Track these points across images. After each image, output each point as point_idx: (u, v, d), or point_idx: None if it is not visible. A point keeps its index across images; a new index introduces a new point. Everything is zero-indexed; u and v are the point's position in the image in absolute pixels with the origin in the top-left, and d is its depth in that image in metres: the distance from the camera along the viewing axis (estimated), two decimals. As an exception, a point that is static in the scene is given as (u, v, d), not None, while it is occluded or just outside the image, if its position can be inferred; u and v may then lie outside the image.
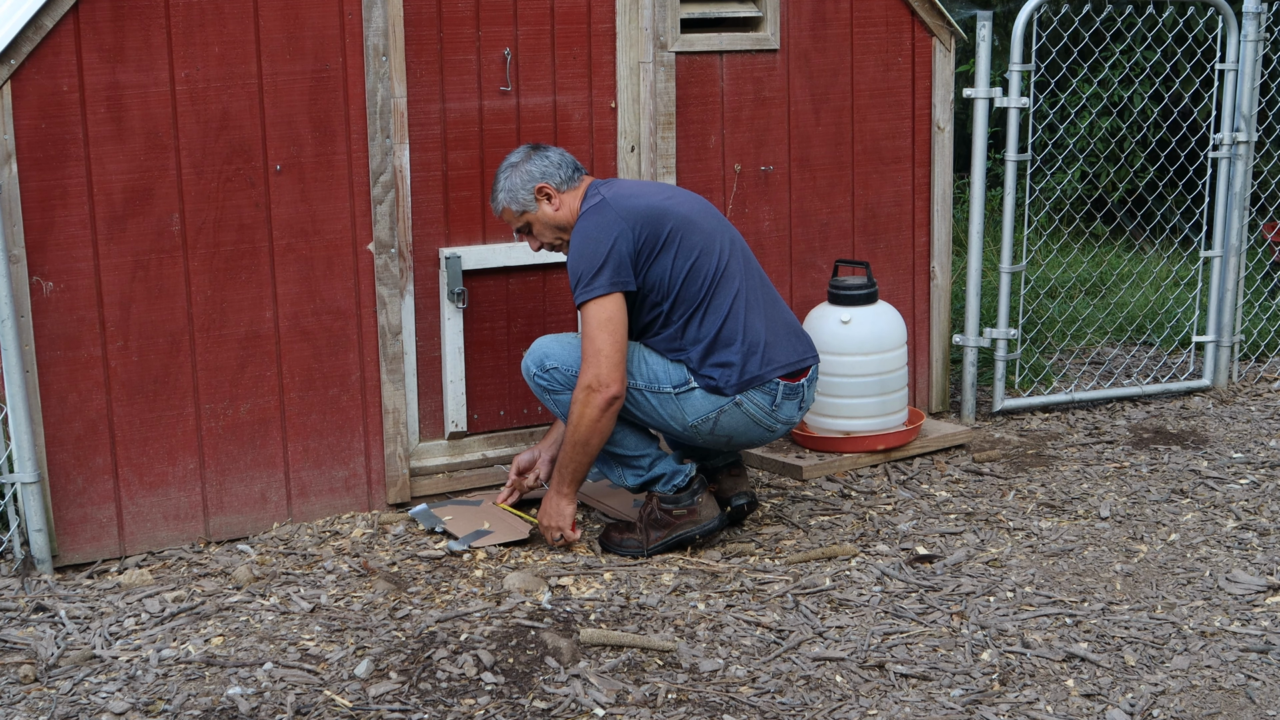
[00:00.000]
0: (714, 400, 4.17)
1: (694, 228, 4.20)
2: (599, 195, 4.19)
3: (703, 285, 4.17)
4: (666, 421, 4.22)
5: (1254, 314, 6.59)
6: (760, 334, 4.20)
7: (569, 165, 4.27)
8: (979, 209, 5.50)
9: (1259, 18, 5.69)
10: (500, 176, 4.29)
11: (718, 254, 4.22)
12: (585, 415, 4.09)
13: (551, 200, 4.25)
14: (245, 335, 4.31)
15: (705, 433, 4.22)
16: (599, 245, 4.09)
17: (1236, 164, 5.80)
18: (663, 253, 4.15)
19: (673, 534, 4.26)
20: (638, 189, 4.27)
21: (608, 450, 4.22)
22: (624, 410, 4.18)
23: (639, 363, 4.20)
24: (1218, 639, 3.70)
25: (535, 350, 4.23)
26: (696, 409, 4.18)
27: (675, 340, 4.20)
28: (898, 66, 5.23)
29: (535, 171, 4.24)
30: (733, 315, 4.18)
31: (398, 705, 3.37)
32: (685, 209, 4.24)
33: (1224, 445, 5.22)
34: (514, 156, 4.30)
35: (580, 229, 4.16)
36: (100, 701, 3.40)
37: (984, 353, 5.76)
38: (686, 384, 4.17)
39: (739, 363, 4.16)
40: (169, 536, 4.31)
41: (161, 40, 4.09)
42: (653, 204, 4.18)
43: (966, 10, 8.76)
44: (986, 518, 4.55)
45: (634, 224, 4.12)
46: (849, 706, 3.39)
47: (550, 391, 4.20)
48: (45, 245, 4.03)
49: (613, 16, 4.75)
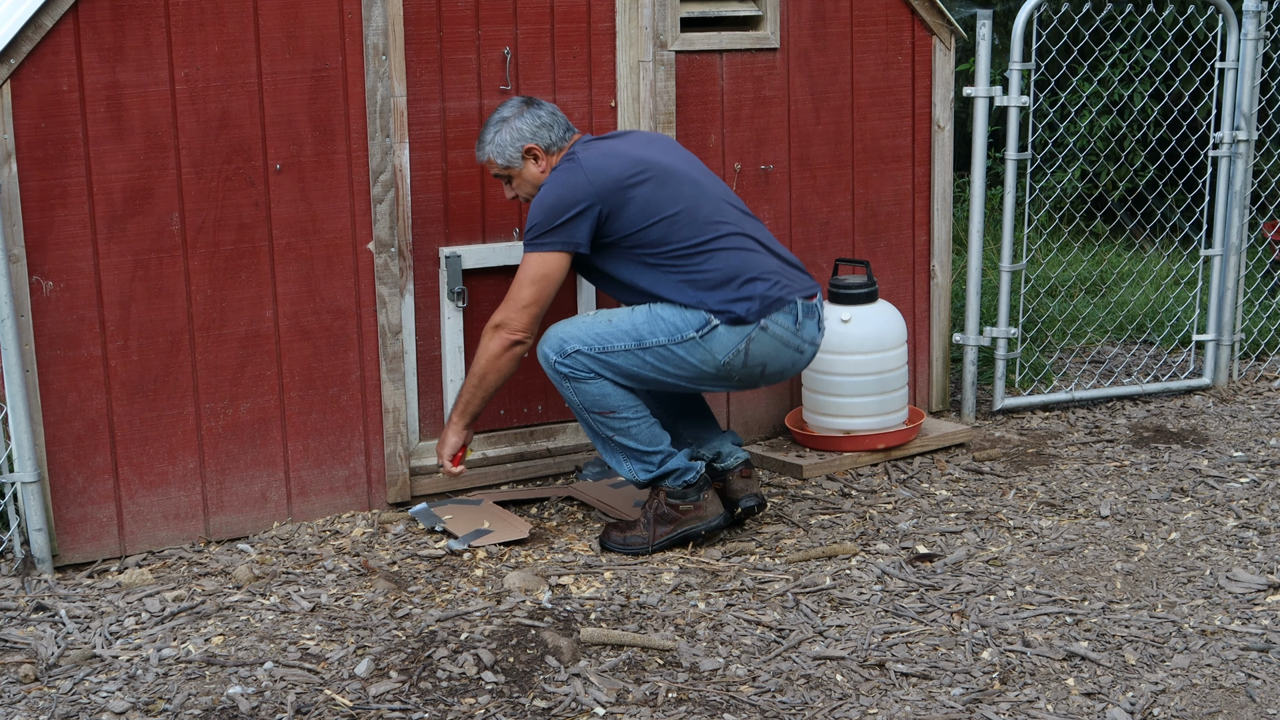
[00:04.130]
0: (740, 331, 4.17)
1: (676, 176, 4.22)
2: (574, 155, 4.20)
3: (700, 230, 4.18)
4: (699, 369, 4.19)
5: (1254, 313, 6.59)
6: (772, 265, 4.24)
7: (560, 125, 4.28)
8: (979, 208, 5.50)
9: (1259, 16, 5.69)
10: (489, 128, 4.29)
11: (710, 199, 4.24)
12: (488, 350, 4.19)
13: (538, 161, 4.27)
14: (245, 334, 4.31)
15: (739, 367, 4.21)
16: (562, 203, 4.12)
17: (1237, 162, 5.79)
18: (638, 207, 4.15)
19: (678, 529, 4.26)
20: (616, 149, 4.24)
21: (620, 443, 4.20)
22: (655, 374, 4.19)
23: (654, 320, 4.18)
24: (1218, 638, 3.70)
25: (551, 336, 4.20)
26: (725, 345, 4.17)
27: (687, 289, 4.18)
28: (898, 65, 5.23)
29: (526, 130, 4.24)
30: (741, 252, 4.21)
31: (398, 704, 3.37)
32: (667, 159, 4.25)
33: (1224, 444, 5.22)
34: (506, 110, 4.28)
35: (549, 183, 4.18)
36: (100, 701, 3.40)
37: (984, 351, 5.76)
38: (708, 324, 4.16)
39: (758, 292, 4.17)
40: (169, 536, 4.31)
41: (161, 40, 4.09)
42: (627, 165, 4.17)
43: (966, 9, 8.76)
44: (987, 517, 4.55)
45: (601, 189, 4.12)
46: (849, 705, 3.39)
47: (571, 380, 4.16)
48: (45, 245, 4.03)
49: (613, 15, 4.75)
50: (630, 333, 4.17)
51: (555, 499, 4.66)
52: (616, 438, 4.20)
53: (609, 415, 4.17)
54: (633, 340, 4.16)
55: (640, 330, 4.17)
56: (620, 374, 4.17)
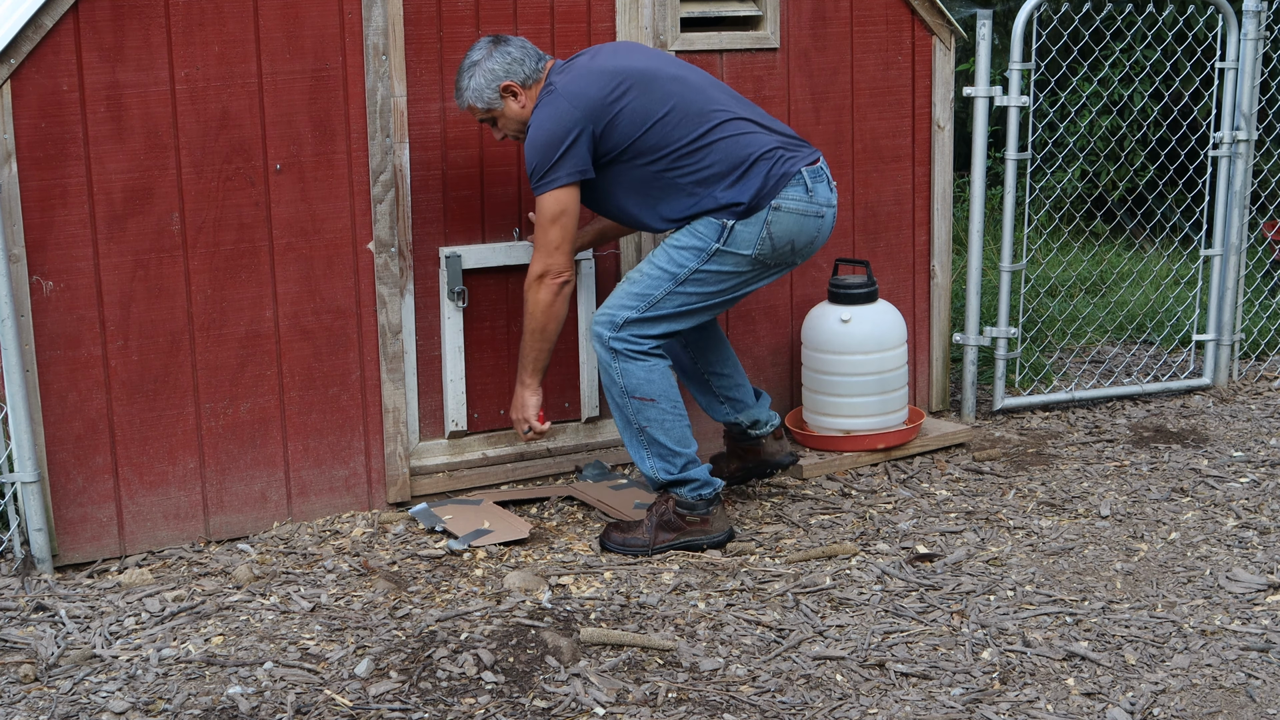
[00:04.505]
0: (756, 220, 4.19)
1: (658, 77, 4.22)
2: (551, 85, 4.21)
3: (694, 124, 4.19)
4: (736, 274, 4.23)
5: (1254, 312, 6.59)
6: (771, 141, 4.25)
7: (532, 57, 4.28)
8: (979, 208, 5.50)
9: (1259, 16, 5.69)
10: (463, 75, 4.28)
11: (697, 91, 4.25)
12: (540, 301, 4.22)
13: (518, 98, 4.27)
14: (245, 334, 4.31)
15: (770, 253, 4.23)
16: (554, 138, 4.12)
17: (1237, 162, 5.79)
18: (628, 118, 4.16)
19: (681, 538, 4.27)
20: (589, 68, 4.24)
21: (651, 436, 4.21)
22: (705, 303, 4.24)
23: (675, 253, 4.21)
24: (1218, 637, 3.70)
25: (599, 318, 4.22)
26: (747, 239, 4.20)
27: (697, 189, 4.20)
28: (898, 65, 5.23)
29: (499, 70, 4.24)
30: (739, 137, 4.21)
31: (398, 704, 3.37)
32: (644, 64, 4.26)
33: (1224, 444, 5.22)
34: (475, 53, 4.28)
35: (535, 121, 4.18)
36: (100, 701, 3.40)
37: (984, 351, 5.76)
38: (724, 229, 4.19)
39: (762, 173, 4.19)
40: (169, 536, 4.31)
41: (161, 39, 4.09)
42: (606, 80, 4.17)
43: (966, 9, 8.76)
44: (987, 516, 4.55)
45: (588, 111, 4.13)
46: (849, 705, 3.39)
47: (622, 357, 4.18)
48: (45, 244, 4.03)
49: (613, 15, 4.75)
50: (661, 276, 4.21)
51: (555, 499, 4.66)
52: (650, 429, 4.20)
53: (648, 403, 4.19)
54: (669, 280, 4.20)
55: (669, 268, 4.21)
56: (672, 320, 4.22)
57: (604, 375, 4.24)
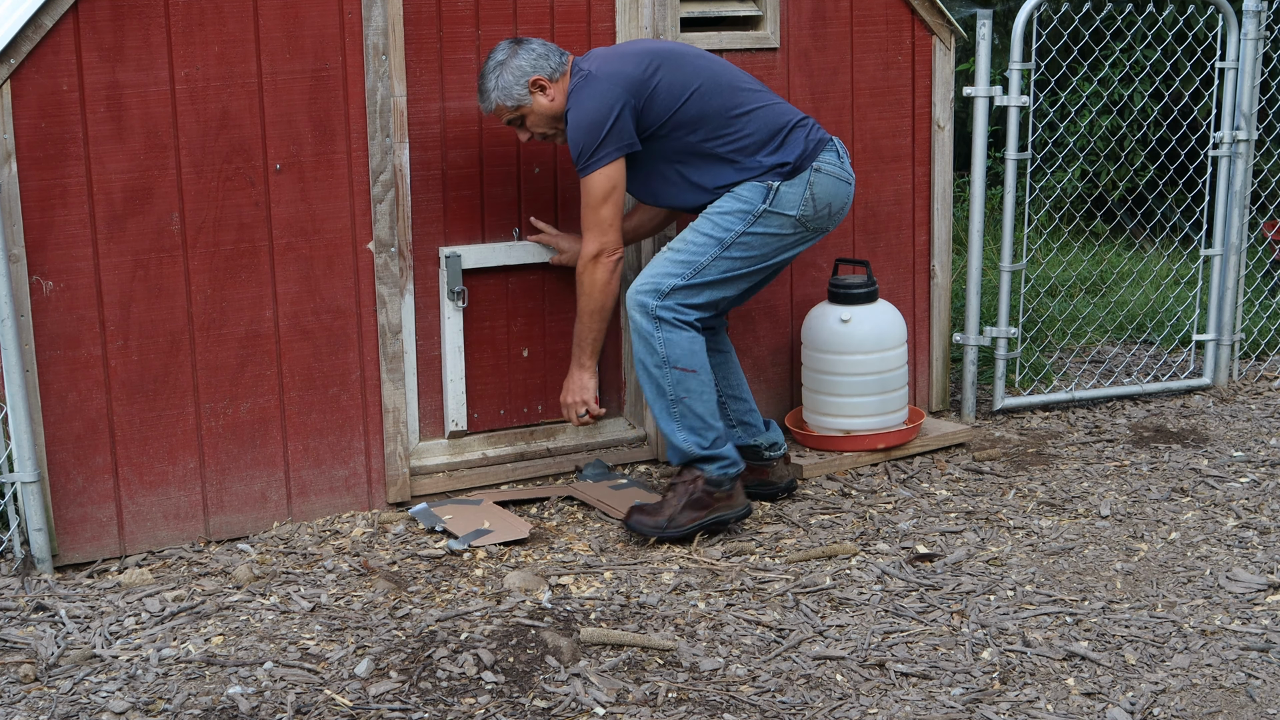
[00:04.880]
0: (800, 180, 4.31)
1: (683, 55, 4.38)
2: (584, 70, 4.28)
3: (728, 95, 4.32)
4: (780, 236, 4.32)
5: (1254, 312, 6.59)
6: (796, 112, 4.43)
7: (554, 53, 4.35)
8: (979, 207, 5.50)
9: (1259, 16, 5.69)
10: (489, 76, 4.32)
11: (721, 65, 4.40)
12: (597, 280, 4.27)
13: (546, 91, 4.31)
14: (245, 334, 4.31)
15: (812, 215, 4.34)
16: (597, 115, 4.19)
17: (1237, 162, 5.79)
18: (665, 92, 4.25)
19: (710, 515, 4.33)
20: (618, 53, 4.36)
21: (688, 407, 4.25)
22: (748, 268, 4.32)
23: (720, 219, 4.29)
24: (1218, 637, 3.70)
25: (641, 285, 4.25)
26: (792, 199, 4.30)
27: (740, 157, 4.30)
28: (898, 65, 5.23)
29: (526, 65, 4.29)
30: (770, 107, 4.37)
31: (398, 704, 3.37)
32: (665, 46, 4.41)
33: (1224, 444, 5.22)
34: (499, 54, 4.33)
35: (576, 104, 4.24)
36: (100, 701, 3.40)
37: (984, 351, 5.76)
38: (770, 190, 4.29)
39: (800, 138, 4.34)
40: (169, 536, 4.31)
41: (161, 39, 4.08)
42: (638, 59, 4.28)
43: (966, 9, 8.75)
44: (987, 516, 4.55)
45: (628, 87, 4.22)
46: (849, 705, 3.39)
47: (667, 325, 4.21)
48: (45, 244, 4.03)
49: (613, 15, 4.75)
50: (708, 242, 4.27)
51: (555, 499, 4.66)
52: (687, 400, 4.24)
53: (689, 374, 4.23)
54: (715, 246, 4.26)
55: (714, 234, 4.28)
56: (716, 287, 4.28)
57: (642, 345, 4.25)
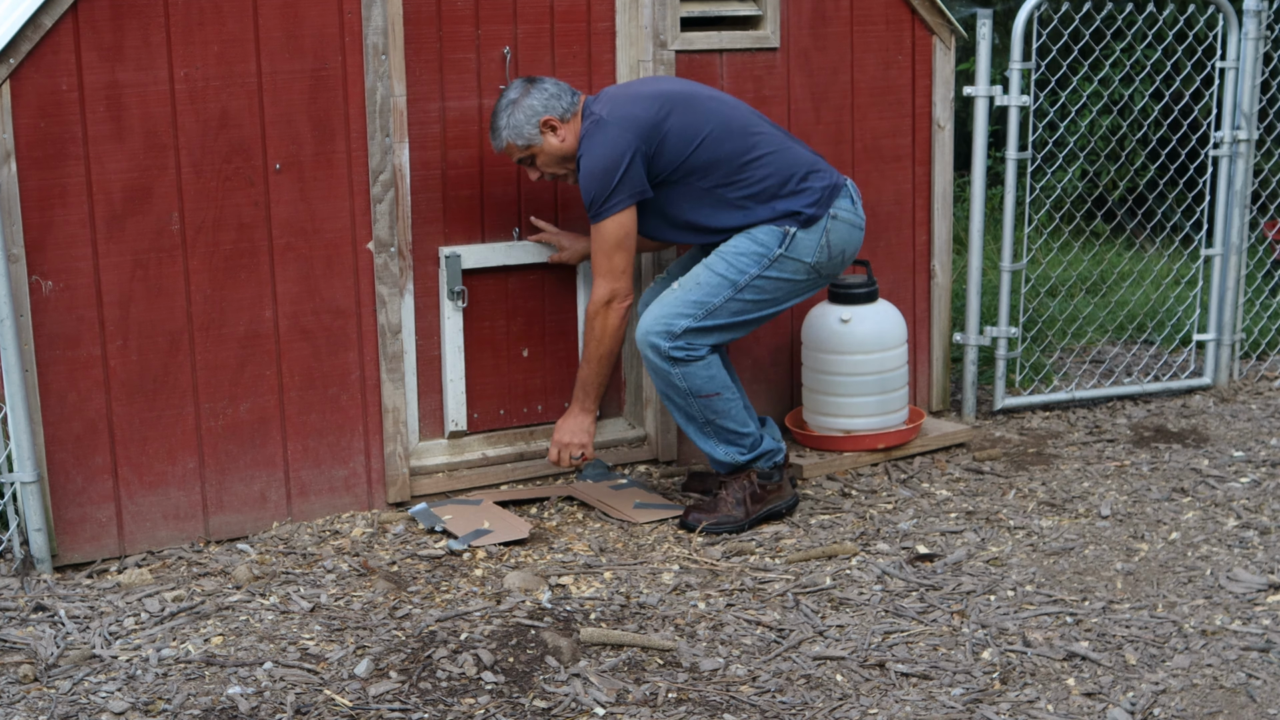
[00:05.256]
0: (816, 229, 4.32)
1: (695, 98, 4.36)
2: (595, 115, 4.28)
3: (740, 140, 4.31)
4: (794, 281, 4.34)
5: (1255, 312, 6.59)
6: (810, 155, 4.43)
7: (566, 93, 4.35)
8: (979, 207, 5.49)
9: (1259, 15, 5.69)
10: (500, 114, 4.34)
11: (733, 108, 4.38)
12: (609, 326, 4.28)
13: (557, 131, 4.33)
14: (245, 334, 4.31)
15: (826, 261, 4.37)
16: (609, 163, 4.20)
17: (1237, 162, 5.79)
18: (676, 137, 4.25)
19: (765, 508, 4.42)
20: (629, 94, 4.35)
21: (720, 426, 4.31)
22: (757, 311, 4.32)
23: (736, 259, 4.29)
24: (1219, 637, 3.70)
25: (652, 327, 4.25)
26: (808, 246, 4.32)
27: (750, 204, 4.30)
28: (898, 65, 5.22)
29: (538, 105, 4.30)
30: (783, 151, 4.36)
31: (398, 705, 3.37)
32: (677, 87, 4.39)
33: (1225, 444, 5.21)
34: (512, 93, 4.34)
35: (587, 151, 4.25)
36: (100, 701, 3.40)
37: (984, 351, 5.75)
38: (786, 235, 4.30)
39: (816, 185, 4.35)
40: (169, 536, 4.31)
41: (161, 39, 4.08)
42: (650, 103, 4.27)
43: (967, 8, 8.75)
44: (987, 516, 4.55)
45: (639, 133, 4.22)
46: (849, 705, 3.39)
47: (682, 364, 4.23)
48: (44, 244, 4.03)
49: (612, 15, 4.75)
50: (721, 283, 4.27)
51: (555, 499, 4.66)
52: (718, 420, 4.30)
53: (713, 398, 4.28)
54: (729, 288, 4.27)
55: (729, 275, 4.28)
56: (726, 329, 4.29)
57: (661, 381, 4.30)
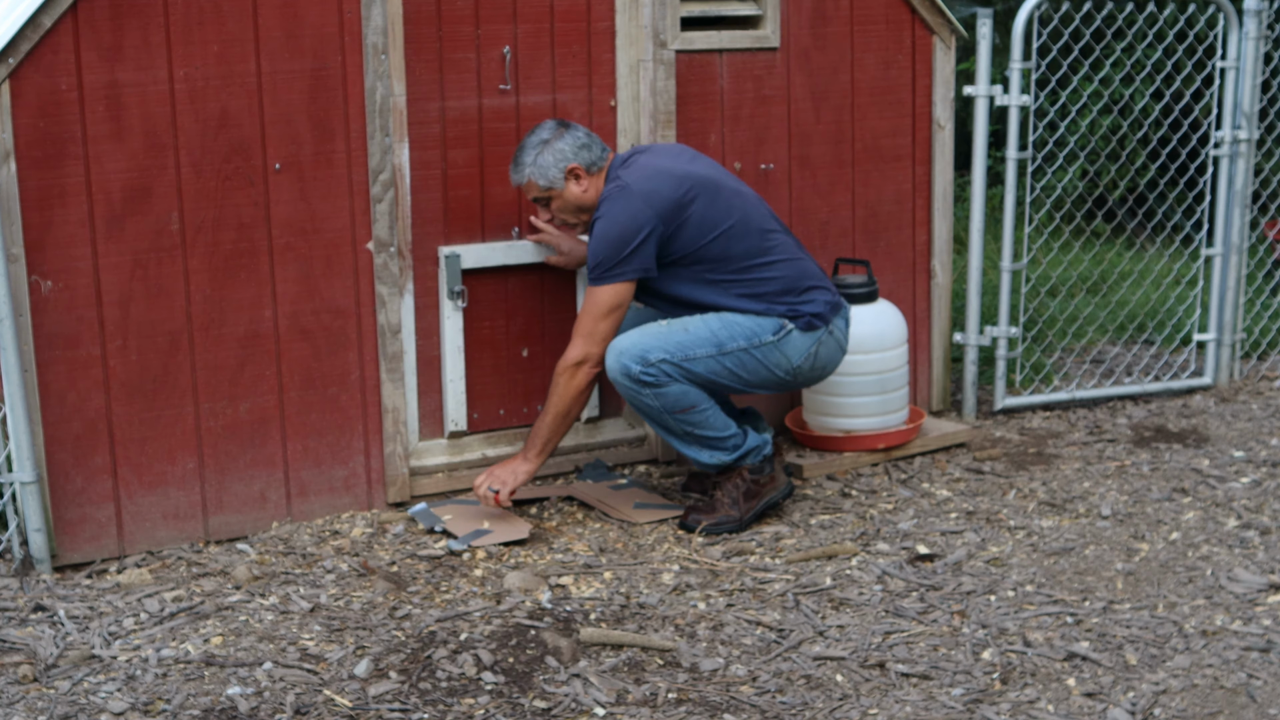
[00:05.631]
0: (812, 336, 4.36)
1: (722, 189, 4.36)
2: (620, 181, 4.28)
3: (755, 241, 4.33)
4: (771, 372, 4.35)
5: (1255, 312, 6.58)
6: (817, 270, 4.47)
7: (597, 146, 4.38)
8: (979, 207, 5.49)
9: (1260, 15, 5.69)
10: (528, 150, 4.35)
11: (754, 207, 4.40)
12: (574, 386, 4.27)
13: (580, 182, 4.34)
14: (244, 334, 4.31)
15: (807, 370, 4.41)
16: (626, 233, 4.21)
17: (1237, 162, 5.79)
18: (695, 225, 4.27)
19: (761, 502, 4.43)
20: (657, 168, 4.33)
21: (699, 435, 4.32)
22: (730, 380, 4.31)
23: (731, 326, 4.31)
24: (1219, 638, 3.70)
25: (628, 349, 4.24)
26: (799, 348, 4.35)
27: (750, 301, 4.33)
28: (898, 64, 5.22)
29: (568, 151, 4.32)
30: (794, 261, 4.40)
31: (397, 705, 3.37)
32: (705, 171, 4.39)
33: (1225, 443, 5.21)
34: (544, 132, 4.35)
35: (607, 213, 4.25)
36: (99, 701, 3.40)
37: (985, 351, 5.75)
38: (783, 328, 4.33)
39: (821, 299, 4.39)
40: (168, 536, 4.31)
41: (160, 39, 4.08)
42: (677, 184, 4.27)
43: (967, 8, 8.74)
44: (987, 516, 4.55)
45: (660, 212, 4.23)
46: (850, 705, 3.39)
47: (654, 386, 4.23)
48: (44, 244, 4.02)
49: (612, 15, 4.75)
50: (710, 339, 4.29)
51: (555, 499, 4.66)
52: (696, 430, 4.31)
53: (689, 411, 4.28)
54: (713, 346, 4.28)
55: (719, 336, 4.29)
56: (696, 380, 4.28)
57: (634, 400, 4.30)
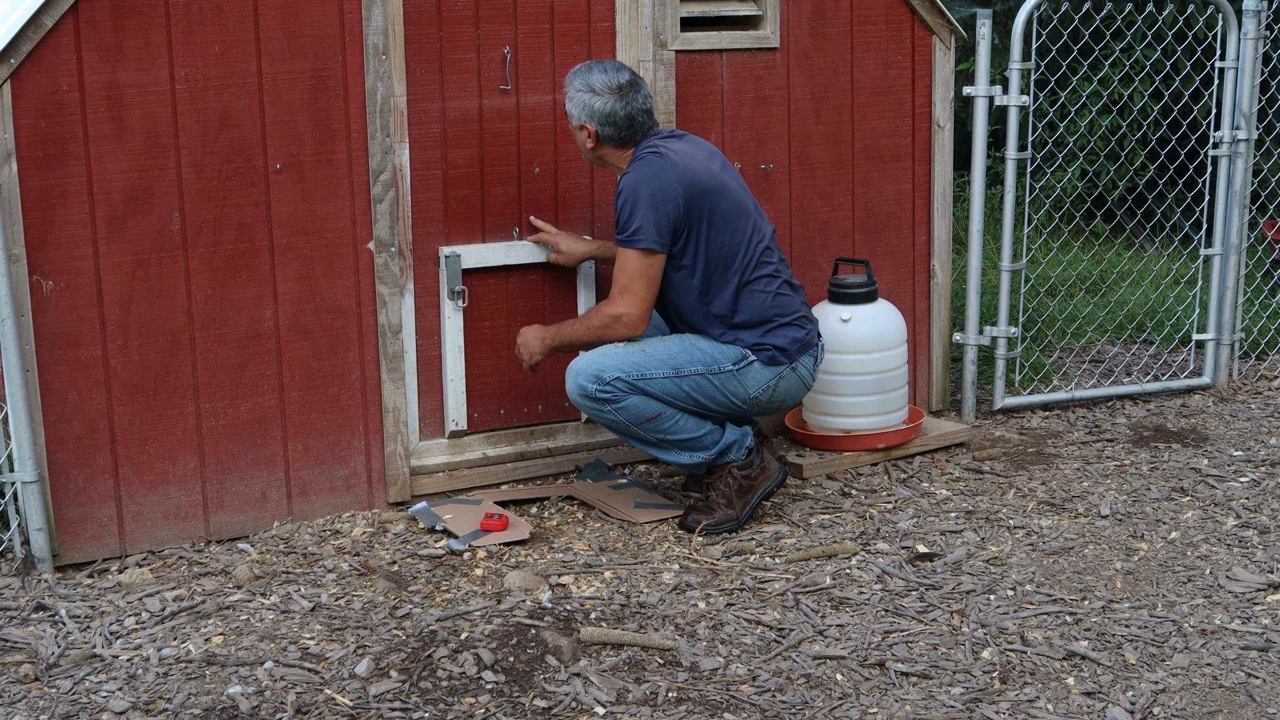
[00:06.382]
0: (773, 370, 4.36)
1: (745, 208, 4.38)
2: (657, 148, 4.30)
3: (749, 262, 4.34)
4: (728, 400, 4.35)
5: (1254, 312, 6.59)
6: (799, 307, 4.44)
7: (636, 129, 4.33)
8: (979, 207, 5.50)
9: (1259, 15, 5.69)
10: (576, 78, 4.34)
11: (758, 231, 4.40)
12: (604, 333, 4.33)
13: (590, 140, 4.37)
14: (245, 334, 4.31)
15: (764, 401, 4.40)
16: (655, 199, 4.22)
17: (1236, 162, 5.79)
18: (704, 228, 4.29)
19: (755, 495, 4.44)
20: (702, 150, 4.37)
21: (672, 440, 4.33)
22: (686, 402, 4.31)
23: (691, 350, 4.32)
24: (1218, 637, 3.70)
25: (583, 369, 4.27)
26: (757, 381, 4.35)
27: (716, 323, 4.35)
28: (898, 65, 5.23)
29: (595, 111, 4.31)
30: (777, 296, 4.38)
31: (398, 704, 3.37)
32: (736, 184, 4.41)
33: (1224, 443, 5.22)
34: (601, 77, 4.30)
35: (637, 173, 4.27)
36: (101, 701, 3.40)
37: (984, 351, 5.76)
38: (744, 359, 4.33)
39: (791, 336, 4.37)
40: (169, 535, 4.31)
41: (161, 39, 4.09)
42: (711, 177, 4.30)
43: (966, 8, 8.75)
44: (987, 516, 4.55)
45: (689, 189, 4.25)
46: (849, 705, 3.39)
47: (612, 402, 4.26)
48: (45, 244, 4.03)
49: (613, 15, 4.75)
50: (668, 361, 4.30)
51: (555, 499, 4.66)
52: (669, 436, 4.33)
53: (656, 420, 4.30)
54: (670, 369, 4.29)
55: (678, 359, 4.30)
56: (649, 397, 4.29)
57: (599, 418, 4.33)
